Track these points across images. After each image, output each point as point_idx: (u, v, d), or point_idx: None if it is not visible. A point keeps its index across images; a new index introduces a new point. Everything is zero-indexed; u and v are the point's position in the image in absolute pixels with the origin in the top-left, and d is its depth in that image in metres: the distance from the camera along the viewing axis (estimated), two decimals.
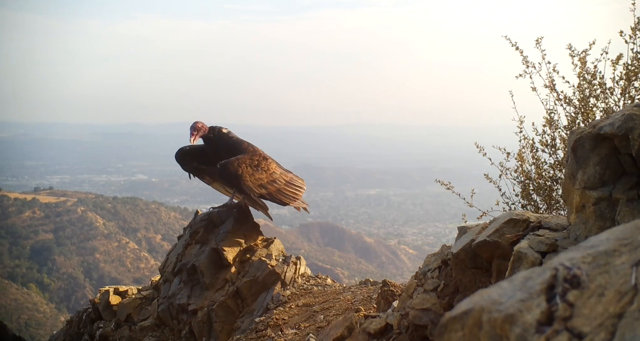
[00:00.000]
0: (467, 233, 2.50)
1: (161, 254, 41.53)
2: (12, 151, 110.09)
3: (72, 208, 51.49)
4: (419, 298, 2.62)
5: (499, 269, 2.22)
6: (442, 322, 0.92)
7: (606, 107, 3.67)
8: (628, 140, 1.82)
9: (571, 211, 2.06)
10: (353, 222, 69.93)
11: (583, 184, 1.97)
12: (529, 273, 0.90)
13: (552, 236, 2.07)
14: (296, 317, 3.84)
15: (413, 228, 69.04)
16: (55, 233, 48.22)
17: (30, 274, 43.23)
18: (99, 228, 49.12)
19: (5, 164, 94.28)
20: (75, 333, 5.75)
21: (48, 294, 40.64)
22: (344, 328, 2.97)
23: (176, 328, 4.72)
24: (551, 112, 3.88)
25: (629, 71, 3.58)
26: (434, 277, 2.70)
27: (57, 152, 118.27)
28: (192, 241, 4.90)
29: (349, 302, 3.76)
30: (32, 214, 50.33)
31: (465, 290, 2.40)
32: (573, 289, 0.83)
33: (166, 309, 4.80)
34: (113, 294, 5.49)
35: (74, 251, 46.75)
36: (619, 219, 1.84)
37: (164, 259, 5.36)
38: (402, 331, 2.64)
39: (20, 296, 37.55)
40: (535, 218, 2.24)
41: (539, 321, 0.80)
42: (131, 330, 5.11)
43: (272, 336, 3.66)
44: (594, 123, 2.00)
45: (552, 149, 3.88)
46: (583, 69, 3.75)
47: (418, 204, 78.84)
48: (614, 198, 1.88)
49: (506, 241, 2.20)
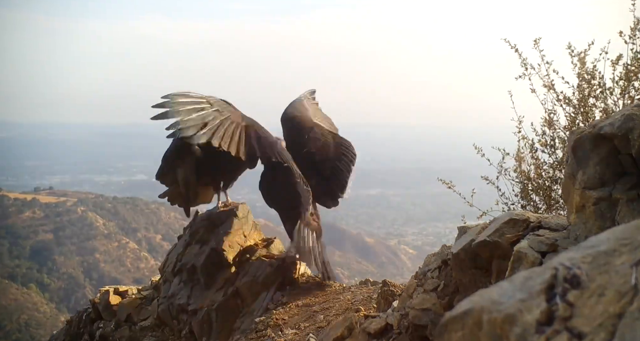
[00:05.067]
0: (467, 233, 2.50)
1: (161, 254, 41.50)
2: (12, 151, 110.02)
3: (72, 208, 51.48)
4: (419, 298, 2.62)
5: (499, 269, 2.22)
6: (442, 322, 0.92)
7: (605, 108, 3.67)
8: (628, 140, 1.82)
9: (571, 211, 2.06)
10: (353, 222, 69.91)
11: (583, 184, 1.97)
12: (529, 273, 0.90)
13: (552, 236, 2.07)
14: (296, 317, 3.84)
15: (413, 228, 69.03)
16: (55, 233, 48.21)
17: (30, 274, 43.24)
18: (99, 228, 49.11)
19: (5, 164, 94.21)
20: (75, 333, 5.75)
21: (48, 294, 40.65)
22: (344, 328, 2.97)
23: (176, 328, 4.72)
24: (551, 113, 3.88)
25: (628, 71, 3.58)
26: (434, 277, 2.70)
27: (57, 152, 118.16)
28: (192, 241, 4.90)
29: (349, 302, 3.76)
30: (32, 214, 50.33)
31: (465, 290, 2.40)
32: (573, 289, 0.83)
33: (166, 309, 4.81)
34: (113, 294, 5.49)
35: (74, 251, 46.75)
36: (619, 219, 1.84)
37: (164, 259, 5.36)
38: (402, 331, 2.64)
39: (20, 296, 37.57)
40: (535, 218, 2.25)
41: (539, 321, 0.80)
42: (131, 330, 5.11)
43: (272, 336, 3.66)
44: (594, 123, 2.00)
45: (551, 149, 3.89)
46: (582, 69, 3.75)
47: (418, 204, 78.79)
48: (614, 198, 1.88)
49: (506, 241, 2.20)
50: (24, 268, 43.68)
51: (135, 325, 5.13)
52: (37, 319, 35.47)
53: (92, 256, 46.07)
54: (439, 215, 68.89)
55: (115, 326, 5.24)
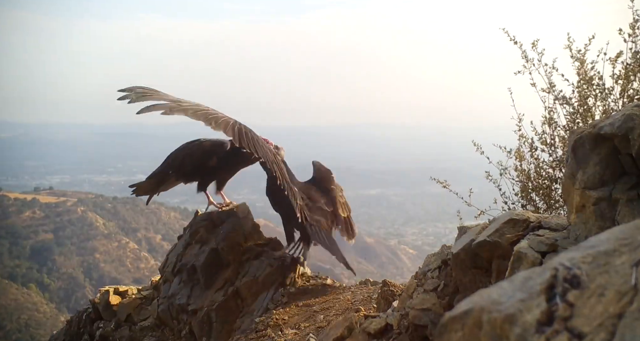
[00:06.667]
0: (467, 233, 2.50)
1: (161, 254, 41.51)
2: (12, 151, 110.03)
3: (72, 208, 51.50)
4: (419, 298, 2.62)
5: (499, 269, 2.22)
6: (442, 322, 0.92)
7: (605, 108, 3.67)
8: (628, 140, 1.82)
9: (571, 211, 2.06)
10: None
11: (583, 184, 1.97)
12: (529, 273, 0.90)
13: (552, 236, 2.07)
14: (296, 317, 3.84)
15: (413, 228, 69.06)
16: (55, 233, 48.24)
17: (30, 274, 43.25)
18: (99, 228, 49.14)
19: (5, 164, 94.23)
20: (75, 333, 5.74)
21: (48, 294, 40.65)
22: (344, 328, 2.96)
23: (176, 328, 4.72)
24: (551, 110, 3.87)
25: (627, 70, 3.58)
26: (434, 277, 2.70)
27: (57, 152, 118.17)
28: (192, 241, 4.90)
29: (349, 302, 3.76)
30: (32, 214, 50.35)
31: (465, 290, 2.40)
32: (573, 289, 0.83)
33: (166, 309, 4.80)
34: (113, 294, 5.48)
35: (74, 251, 46.77)
36: (619, 219, 1.84)
37: (164, 259, 5.35)
38: (402, 331, 2.64)
39: (20, 296, 37.56)
40: (536, 218, 2.24)
41: (539, 321, 0.80)
42: (131, 330, 5.11)
43: (272, 336, 3.66)
44: (594, 123, 2.00)
45: (551, 148, 3.88)
46: (581, 69, 3.74)
47: (418, 204, 78.80)
48: (614, 198, 1.88)
49: (506, 241, 2.20)
50: (24, 268, 43.69)
51: (135, 325, 5.13)
52: (37, 319, 35.47)
53: (92, 256, 46.08)
54: (439, 215, 68.90)
55: (115, 326, 5.24)
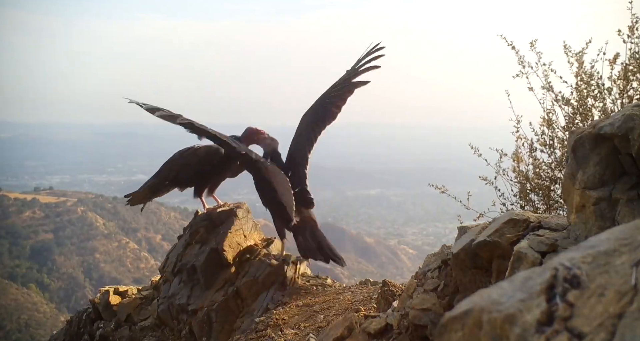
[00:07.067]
0: (467, 233, 2.50)
1: (161, 254, 41.51)
2: (12, 151, 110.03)
3: (72, 208, 51.50)
4: (419, 298, 2.62)
5: (499, 269, 2.22)
6: (442, 322, 0.92)
7: (604, 108, 3.67)
8: (628, 140, 1.82)
9: (571, 211, 2.06)
10: (353, 222, 69.94)
11: (583, 184, 1.97)
12: (529, 273, 0.90)
13: (552, 236, 2.07)
14: (296, 317, 3.84)
15: (413, 228, 69.09)
16: (55, 233, 48.24)
17: (30, 274, 43.25)
18: (99, 228, 49.15)
19: (5, 164, 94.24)
20: (75, 333, 5.75)
21: (48, 294, 40.65)
22: (344, 328, 2.96)
23: (176, 328, 4.72)
24: (549, 112, 3.87)
25: (626, 70, 3.58)
26: (434, 277, 2.70)
27: (57, 152, 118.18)
28: (192, 241, 4.90)
29: (349, 302, 3.76)
30: (32, 214, 50.36)
31: (465, 290, 2.40)
32: (573, 289, 0.83)
33: (166, 309, 4.80)
34: (113, 294, 5.49)
35: (74, 251, 46.77)
36: (619, 219, 1.84)
37: (164, 259, 5.36)
38: (402, 331, 2.64)
39: (20, 296, 37.55)
40: (535, 218, 2.24)
41: (539, 321, 0.80)
42: (131, 330, 5.11)
43: (272, 336, 3.66)
44: (594, 123, 2.00)
45: (550, 149, 3.88)
46: (580, 69, 3.74)
47: (418, 204, 78.79)
48: (614, 198, 1.88)
49: (506, 241, 2.20)
50: (24, 268, 43.68)
51: (135, 325, 5.13)
52: (37, 319, 35.46)
53: (92, 256, 46.08)
54: (439, 215, 68.90)
55: (115, 326, 5.24)
